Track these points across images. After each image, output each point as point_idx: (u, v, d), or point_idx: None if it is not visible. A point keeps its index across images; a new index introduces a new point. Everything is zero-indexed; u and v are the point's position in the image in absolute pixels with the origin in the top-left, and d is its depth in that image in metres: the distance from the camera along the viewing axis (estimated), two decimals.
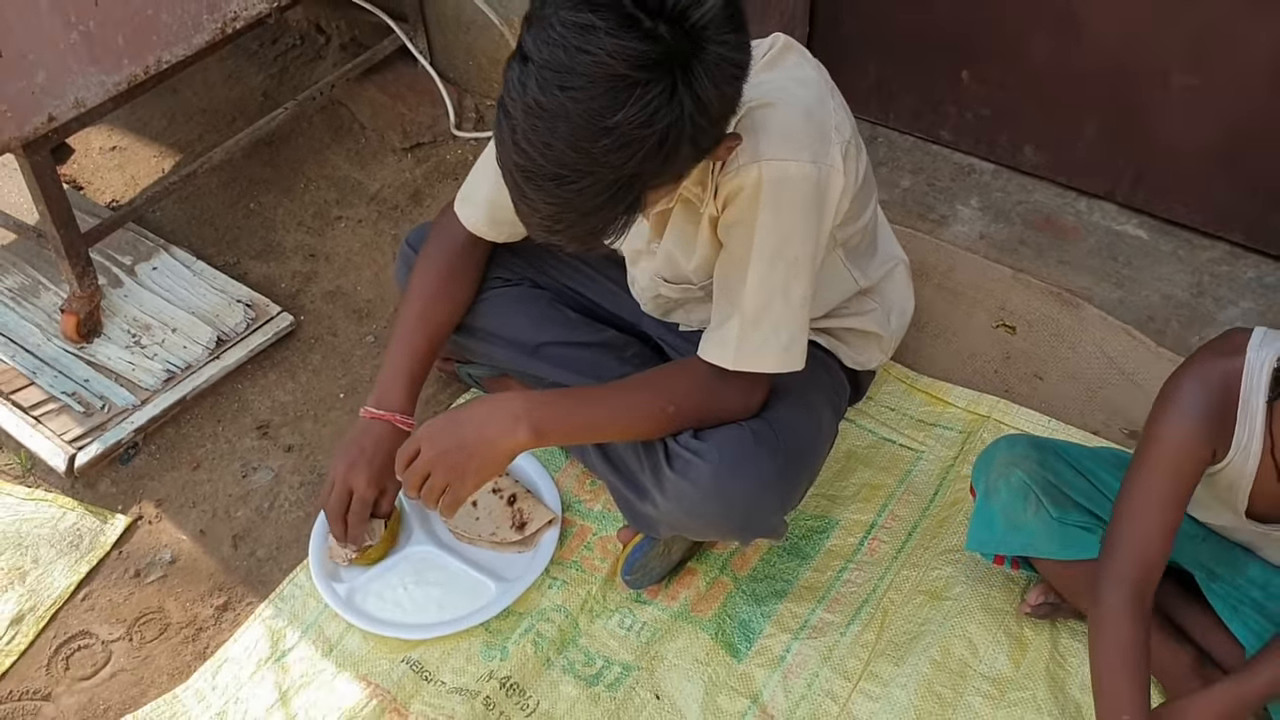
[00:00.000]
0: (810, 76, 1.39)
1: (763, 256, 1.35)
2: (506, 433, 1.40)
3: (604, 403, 1.45)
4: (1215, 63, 1.90)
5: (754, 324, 1.38)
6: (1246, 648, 1.38)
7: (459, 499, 1.43)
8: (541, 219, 1.18)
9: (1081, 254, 2.08)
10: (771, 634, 1.57)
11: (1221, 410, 1.26)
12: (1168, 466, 1.27)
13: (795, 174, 1.32)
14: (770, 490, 1.42)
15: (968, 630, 1.53)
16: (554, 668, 1.55)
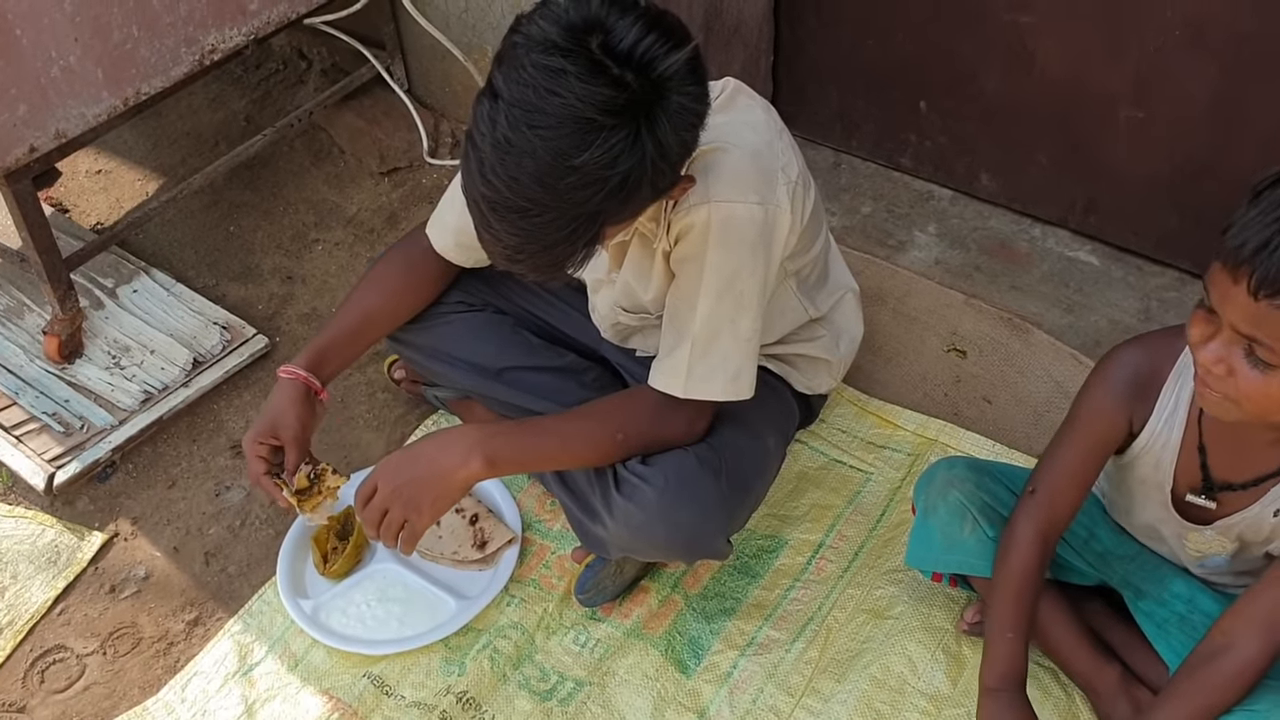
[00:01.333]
0: (759, 120, 1.45)
1: (711, 291, 1.41)
2: (460, 464, 1.45)
3: (555, 432, 1.51)
4: (1158, 96, 1.96)
5: (703, 354, 1.44)
6: (1169, 664, 1.44)
7: (417, 533, 1.49)
8: (504, 249, 1.25)
9: (1034, 280, 2.14)
10: (720, 651, 1.62)
11: (1145, 376, 1.34)
12: (1086, 427, 1.37)
13: (742, 215, 1.39)
14: (714, 515, 1.48)
15: (907, 648, 1.59)
16: (510, 683, 1.61)
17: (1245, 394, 1.14)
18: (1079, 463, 1.39)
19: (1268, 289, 1.06)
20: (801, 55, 2.38)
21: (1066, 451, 1.39)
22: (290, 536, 1.78)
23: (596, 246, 1.27)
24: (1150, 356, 1.35)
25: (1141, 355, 1.35)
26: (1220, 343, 1.14)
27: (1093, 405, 1.37)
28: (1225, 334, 1.13)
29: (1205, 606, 1.44)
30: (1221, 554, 1.42)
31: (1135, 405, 1.35)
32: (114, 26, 1.89)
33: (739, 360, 1.45)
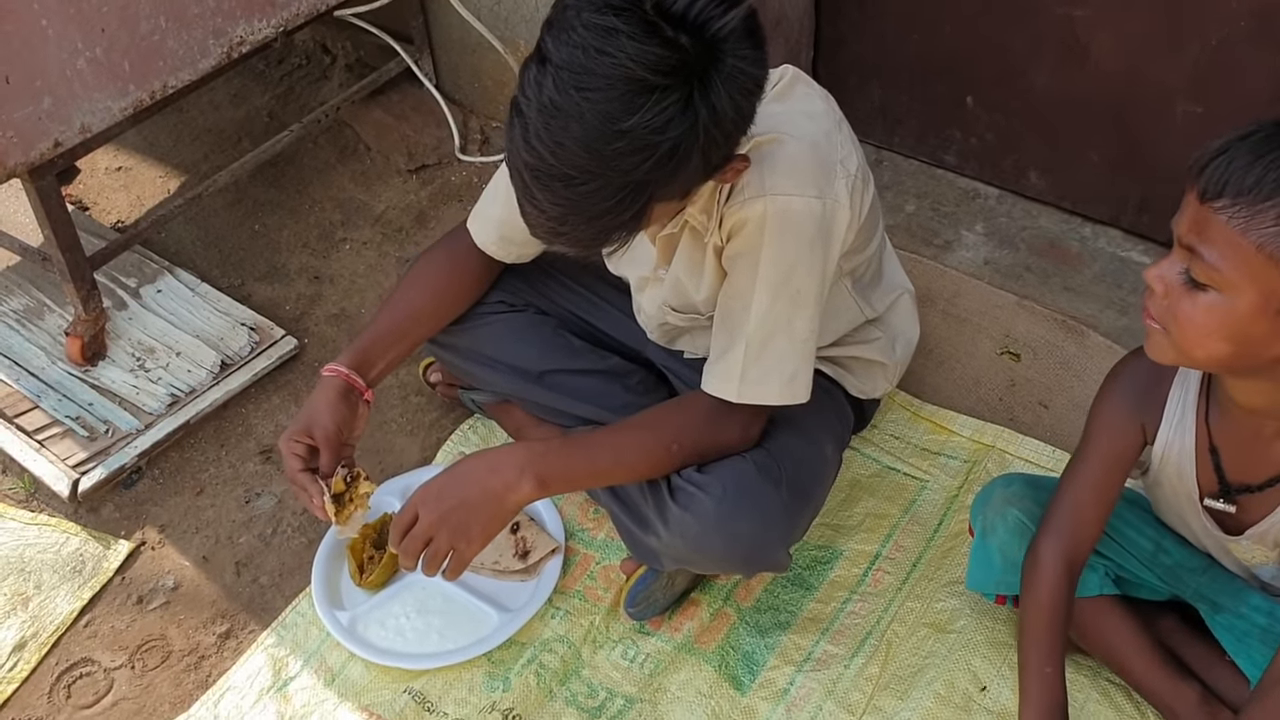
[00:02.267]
0: (818, 109, 1.39)
1: (767, 289, 1.35)
2: (511, 486, 1.39)
3: (607, 447, 1.45)
4: (1218, 91, 1.89)
5: (758, 356, 1.38)
6: (1251, 679, 1.38)
7: (465, 561, 1.42)
8: (547, 220, 1.19)
9: (1086, 280, 2.08)
10: (775, 666, 1.56)
11: (1152, 383, 1.32)
12: (1105, 448, 1.34)
13: (800, 209, 1.32)
14: (774, 524, 1.42)
15: (972, 664, 1.53)
16: (556, 699, 1.55)
17: (1176, 317, 1.12)
18: (1099, 480, 1.35)
19: (1213, 192, 1.08)
20: (843, 49, 2.31)
21: (1084, 470, 1.36)
22: (324, 545, 1.72)
23: (641, 223, 1.21)
24: (1153, 362, 1.27)
25: (1144, 362, 1.28)
26: (1166, 261, 1.14)
27: (1104, 420, 1.35)
28: (1174, 253, 1.13)
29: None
30: (1267, 563, 1.36)
31: (1145, 414, 1.32)
32: (141, 18, 1.83)
33: (796, 361, 1.39)
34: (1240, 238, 1.06)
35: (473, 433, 1.90)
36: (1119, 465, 1.34)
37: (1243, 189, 1.06)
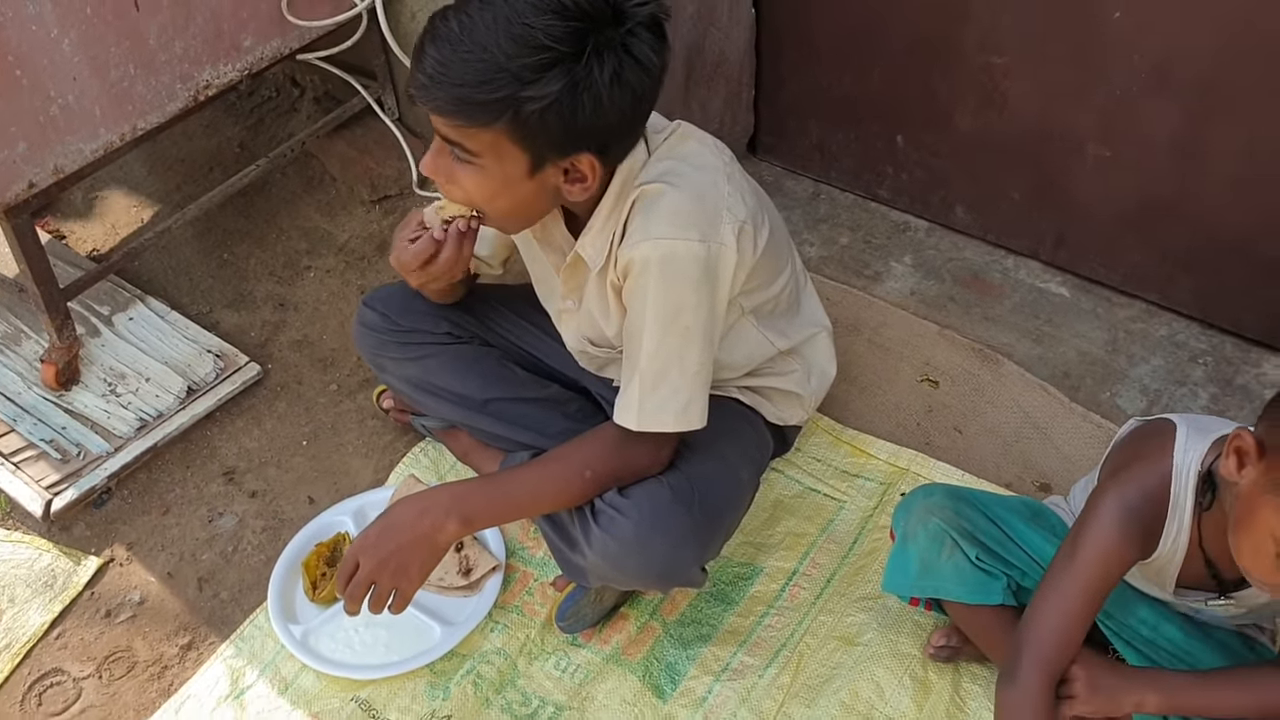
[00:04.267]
0: (707, 162, 1.51)
1: (656, 326, 1.48)
2: (439, 527, 1.51)
3: (524, 482, 1.58)
4: (1123, 137, 2.03)
5: (653, 388, 1.50)
6: None
7: (409, 596, 1.54)
8: (423, 72, 1.32)
9: (1005, 310, 2.21)
10: (695, 676, 1.68)
11: (1150, 518, 1.36)
12: (1095, 574, 1.36)
13: (683, 252, 1.45)
14: (687, 545, 1.54)
15: (875, 674, 1.65)
16: (492, 707, 1.67)
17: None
18: (1085, 607, 1.38)
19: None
20: (782, 89, 2.44)
21: (1073, 599, 1.37)
22: (281, 563, 1.84)
23: (491, 129, 1.32)
24: (1144, 493, 1.35)
25: (1138, 495, 1.35)
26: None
27: (1102, 552, 1.36)
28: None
29: (1170, 634, 1.50)
30: (1226, 613, 1.48)
31: (1144, 542, 1.36)
32: (111, 65, 1.95)
33: (689, 393, 1.51)
34: None
35: (423, 455, 2.02)
36: (1106, 588, 1.38)
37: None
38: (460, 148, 1.37)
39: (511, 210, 1.46)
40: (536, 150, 1.35)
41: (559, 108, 1.30)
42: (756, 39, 2.38)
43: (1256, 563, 1.22)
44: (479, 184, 1.41)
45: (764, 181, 2.53)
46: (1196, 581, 1.41)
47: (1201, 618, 1.51)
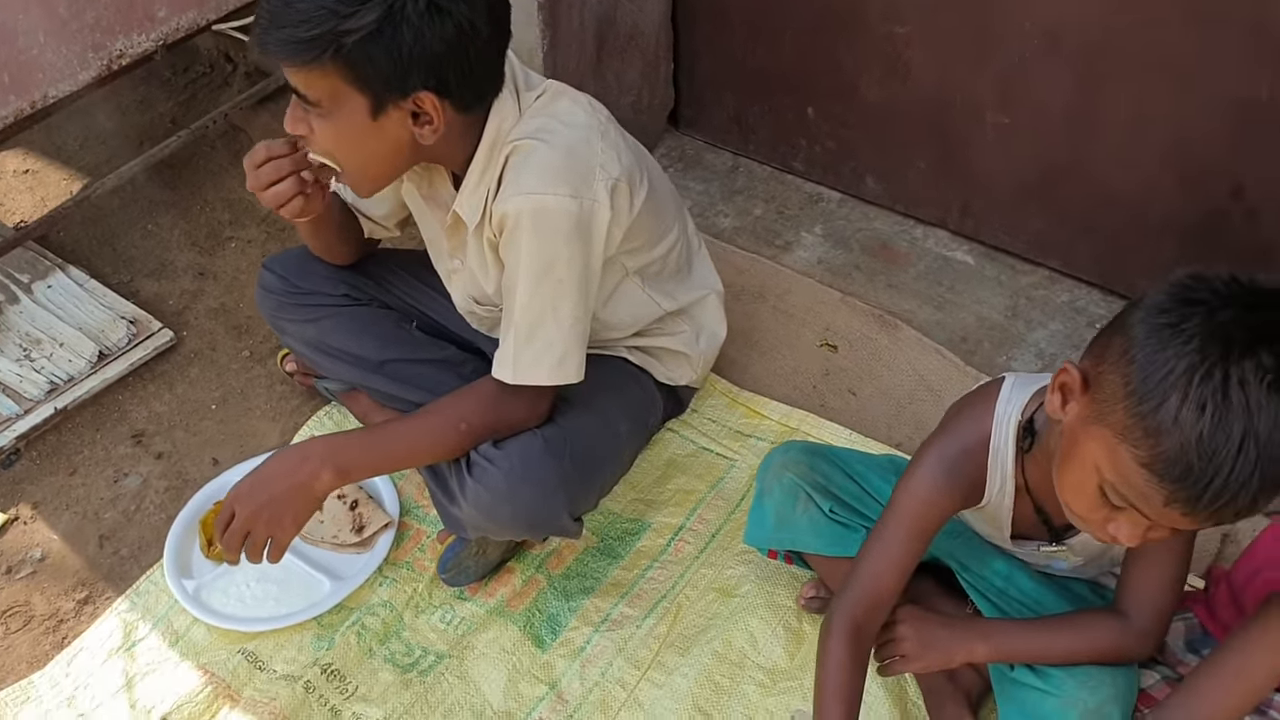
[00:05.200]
0: (579, 120, 1.54)
1: (529, 279, 1.50)
2: (313, 477, 1.53)
3: (401, 435, 1.60)
4: (1020, 103, 2.05)
5: (527, 341, 1.53)
6: None
7: (283, 546, 1.56)
8: (259, 22, 1.36)
9: (910, 278, 2.23)
10: (575, 627, 1.71)
11: (971, 469, 1.37)
12: (912, 522, 1.39)
13: (554, 206, 1.47)
14: (556, 494, 1.57)
15: (750, 625, 1.68)
16: (375, 657, 1.70)
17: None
18: (903, 554, 1.40)
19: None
20: (699, 62, 2.47)
21: (889, 547, 1.39)
22: (179, 520, 1.86)
23: (324, 64, 1.34)
24: (962, 445, 1.37)
25: (956, 448, 1.37)
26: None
27: (919, 500, 1.38)
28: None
29: (1022, 585, 1.53)
30: (1065, 562, 1.51)
31: (966, 494, 1.39)
32: (19, 33, 1.97)
33: (564, 346, 1.54)
34: None
35: (328, 418, 2.05)
36: (925, 539, 1.39)
37: None
38: (306, 99, 1.40)
39: (366, 161, 1.48)
40: (371, 89, 1.37)
41: (380, 39, 1.32)
42: (673, 11, 2.41)
43: (1079, 499, 1.22)
44: (330, 134, 1.43)
45: (685, 155, 2.57)
46: (1030, 529, 1.44)
47: (1052, 570, 1.53)
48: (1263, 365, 1.05)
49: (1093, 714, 1.36)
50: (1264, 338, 1.06)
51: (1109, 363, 1.15)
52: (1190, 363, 1.06)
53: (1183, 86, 1.86)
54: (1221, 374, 1.05)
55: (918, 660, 1.44)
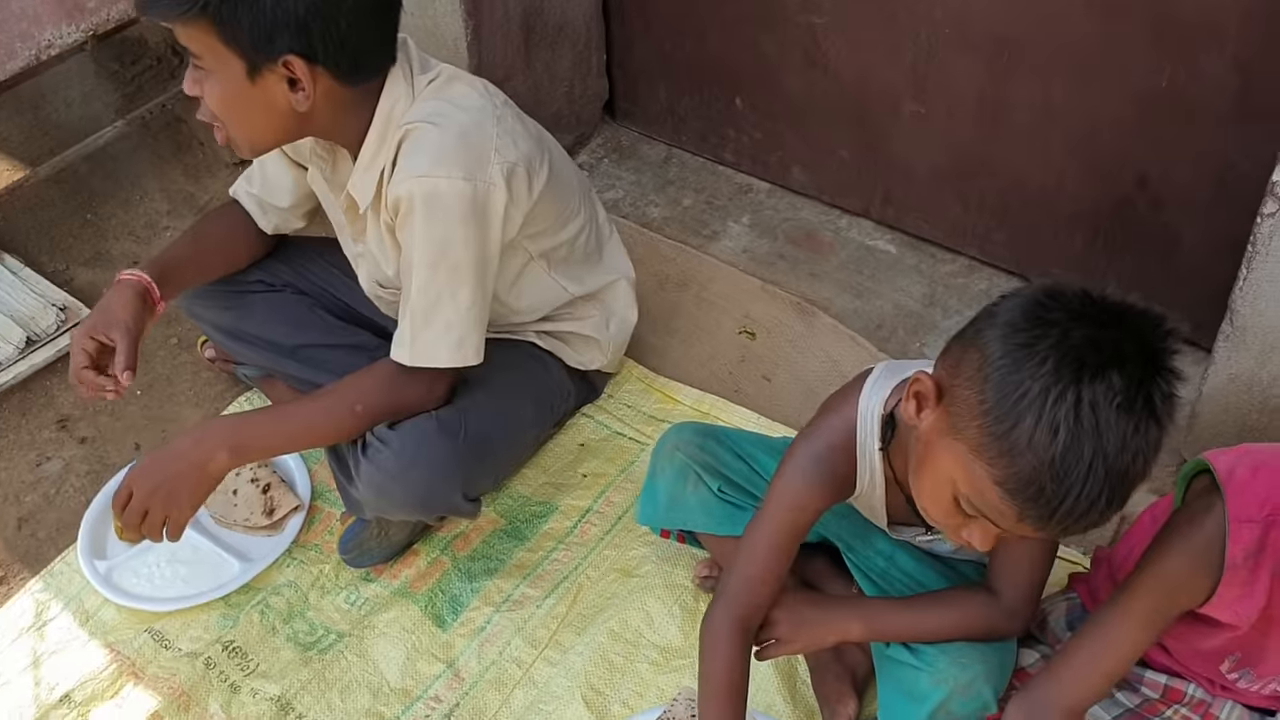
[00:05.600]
0: (473, 104, 1.56)
1: (425, 263, 1.52)
2: (209, 457, 1.56)
3: (298, 416, 1.63)
4: (934, 92, 2.08)
5: (425, 324, 1.55)
6: None
7: (181, 523, 1.59)
8: None
9: (831, 267, 2.26)
10: (477, 607, 1.73)
11: (839, 463, 1.38)
12: (784, 521, 1.40)
13: (447, 189, 1.49)
14: (448, 474, 1.59)
15: (647, 604, 1.70)
16: (279, 635, 1.72)
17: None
18: (776, 552, 1.41)
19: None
20: (631, 53, 2.49)
21: (764, 544, 1.40)
22: (95, 503, 1.89)
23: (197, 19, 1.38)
24: (829, 440, 1.39)
25: (823, 443, 1.39)
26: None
27: (790, 499, 1.39)
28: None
29: (904, 564, 1.55)
30: (947, 544, 1.53)
31: (836, 488, 1.40)
32: None
33: (461, 329, 1.56)
34: None
35: (248, 404, 2.07)
36: (798, 536, 1.41)
37: None
38: (190, 54, 1.43)
39: (246, 122, 1.49)
40: (242, 50, 1.40)
41: (243, 12, 1.35)
42: (604, 3, 2.43)
43: (934, 505, 1.24)
44: (214, 94, 1.46)
45: (620, 146, 2.59)
46: (907, 517, 1.45)
47: (936, 551, 1.55)
48: (1113, 387, 1.07)
49: (964, 689, 1.38)
50: (1114, 359, 1.07)
51: (964, 378, 1.16)
52: (1045, 385, 1.08)
53: (1087, 77, 1.88)
54: (1074, 397, 1.07)
55: (792, 643, 1.46)
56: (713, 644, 1.41)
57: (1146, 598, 1.26)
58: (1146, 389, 1.09)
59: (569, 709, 1.60)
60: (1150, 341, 1.11)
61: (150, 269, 1.72)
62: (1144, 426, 1.09)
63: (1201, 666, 1.38)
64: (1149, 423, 1.09)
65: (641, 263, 2.27)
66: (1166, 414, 1.11)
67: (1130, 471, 1.10)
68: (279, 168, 1.79)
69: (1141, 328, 1.11)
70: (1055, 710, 1.29)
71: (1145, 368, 1.09)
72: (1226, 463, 1.23)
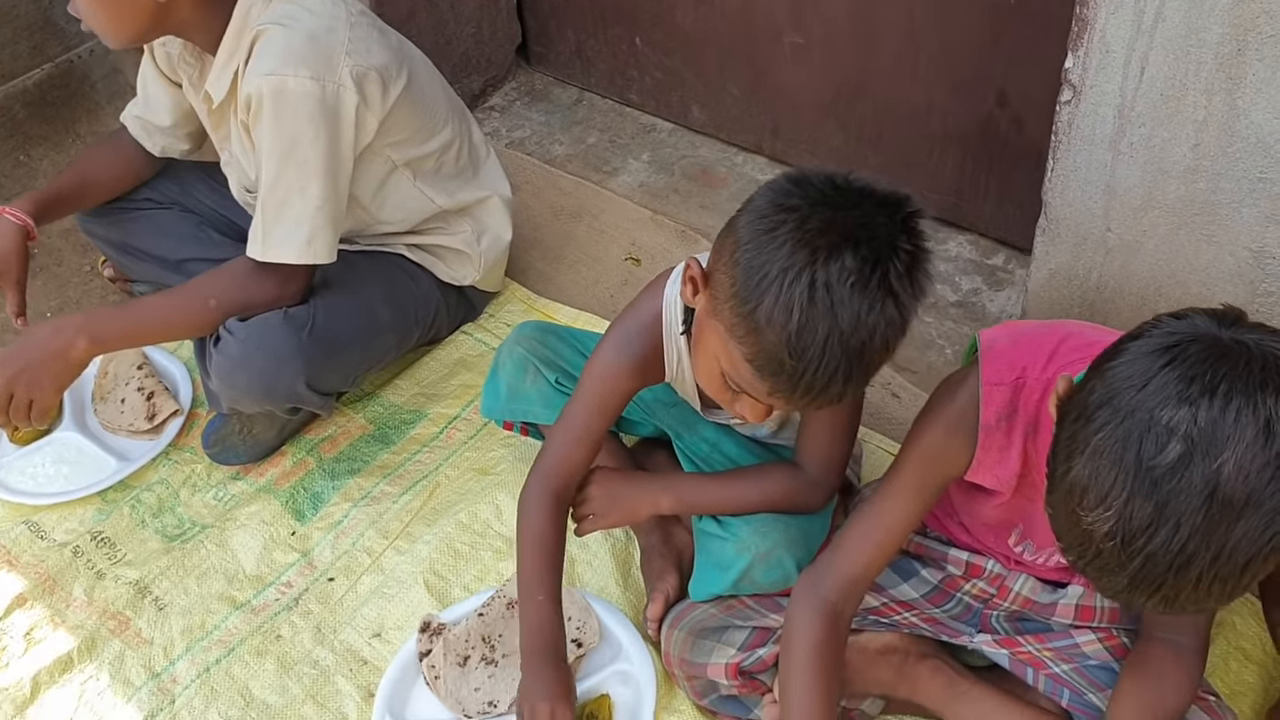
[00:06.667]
0: (326, 9, 1.62)
1: (274, 158, 1.59)
2: (70, 345, 1.65)
3: (155, 308, 1.71)
4: (811, 22, 2.12)
5: (276, 219, 1.62)
6: None
7: (46, 408, 1.68)
8: None
9: (722, 199, 2.31)
10: (336, 503, 1.80)
11: (648, 347, 1.44)
12: (596, 398, 1.45)
13: (294, 88, 1.56)
14: (290, 363, 1.66)
15: (497, 499, 1.75)
16: (147, 528, 1.79)
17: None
18: (590, 427, 1.46)
19: None
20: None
21: (577, 419, 1.46)
22: None
23: None
24: (639, 324, 1.44)
25: (634, 327, 1.44)
26: None
27: (601, 378, 1.44)
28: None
29: (728, 450, 1.59)
30: (764, 429, 1.58)
31: (646, 370, 1.45)
32: None
33: (311, 226, 1.63)
34: None
35: None
36: (610, 413, 1.45)
37: None
38: None
39: (109, 14, 1.57)
40: None
41: None
42: None
43: (709, 382, 1.29)
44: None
45: (534, 89, 2.66)
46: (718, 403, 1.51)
47: (759, 437, 1.60)
48: (846, 267, 1.11)
49: (764, 558, 1.43)
50: (848, 240, 1.11)
51: (722, 263, 1.21)
52: (782, 267, 1.12)
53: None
54: (809, 278, 1.11)
55: (606, 516, 1.51)
56: (526, 510, 1.47)
57: (912, 469, 1.30)
58: (883, 268, 1.12)
59: (411, 592, 1.66)
60: (889, 221, 1.14)
61: (29, 207, 1.83)
62: (879, 304, 1.13)
63: (994, 542, 1.41)
64: (885, 300, 1.13)
65: (539, 195, 2.35)
66: (906, 292, 1.15)
67: (867, 348, 1.15)
68: (158, 86, 1.88)
69: (882, 209, 1.15)
70: (834, 578, 1.32)
71: (882, 248, 1.13)
72: (991, 335, 1.26)
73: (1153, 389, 0.90)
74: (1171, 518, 0.88)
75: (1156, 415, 0.89)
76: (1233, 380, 0.88)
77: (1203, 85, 1.35)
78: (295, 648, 1.63)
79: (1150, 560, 0.89)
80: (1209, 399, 0.87)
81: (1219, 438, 0.87)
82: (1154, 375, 0.90)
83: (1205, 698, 1.34)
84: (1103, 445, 0.91)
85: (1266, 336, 0.92)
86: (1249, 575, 0.91)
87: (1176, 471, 0.87)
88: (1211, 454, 0.87)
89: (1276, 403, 0.87)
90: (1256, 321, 0.96)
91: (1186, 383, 0.89)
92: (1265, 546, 0.89)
